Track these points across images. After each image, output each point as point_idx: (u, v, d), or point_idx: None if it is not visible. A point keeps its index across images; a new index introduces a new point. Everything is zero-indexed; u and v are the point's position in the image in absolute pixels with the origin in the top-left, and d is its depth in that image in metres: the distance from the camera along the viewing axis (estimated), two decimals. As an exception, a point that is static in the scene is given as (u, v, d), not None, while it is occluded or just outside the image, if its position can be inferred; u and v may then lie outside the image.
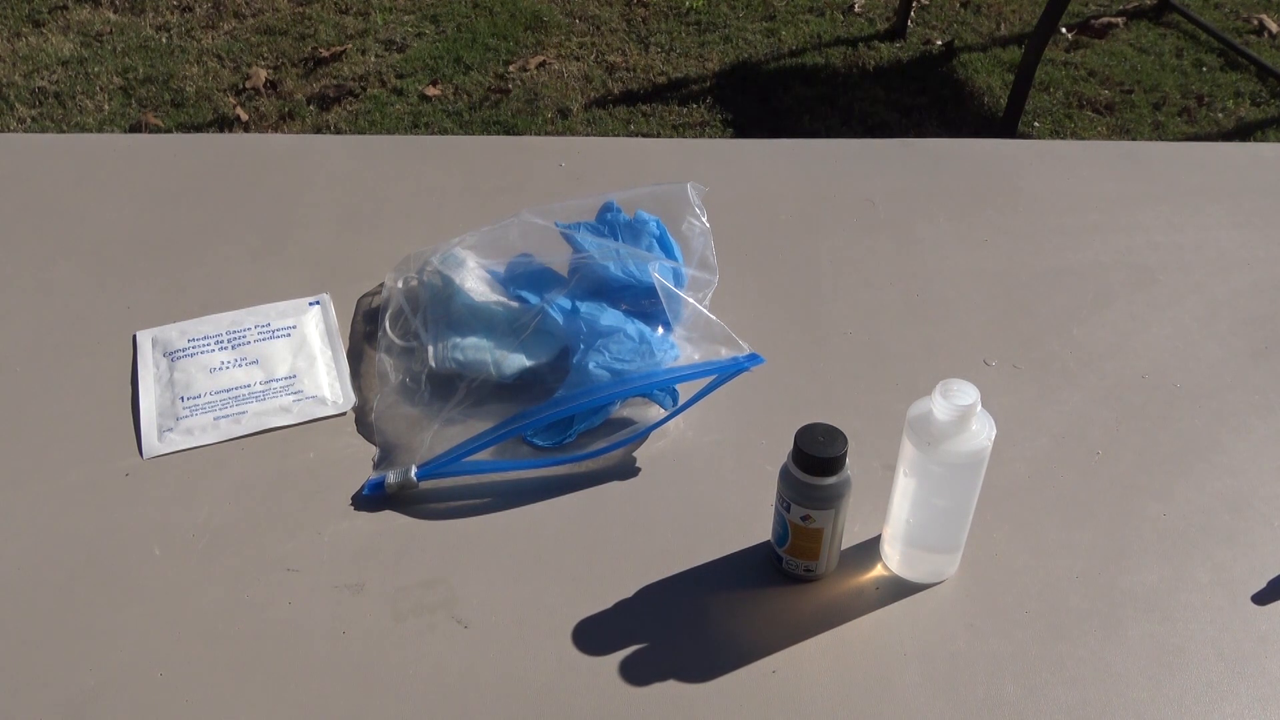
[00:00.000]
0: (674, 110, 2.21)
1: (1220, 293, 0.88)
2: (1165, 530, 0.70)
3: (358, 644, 0.63)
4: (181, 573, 0.67)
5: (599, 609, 0.66)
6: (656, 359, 0.75)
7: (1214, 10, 2.54)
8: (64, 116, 2.18)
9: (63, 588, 0.66)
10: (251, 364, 0.81)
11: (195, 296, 0.86)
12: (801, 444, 0.61)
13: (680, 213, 0.84)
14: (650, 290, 0.77)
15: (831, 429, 0.62)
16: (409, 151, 1.02)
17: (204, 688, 0.61)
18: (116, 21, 2.44)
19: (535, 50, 2.37)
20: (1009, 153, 1.04)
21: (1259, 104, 2.24)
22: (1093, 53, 2.38)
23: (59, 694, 0.61)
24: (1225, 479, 0.74)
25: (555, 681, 0.62)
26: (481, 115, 2.18)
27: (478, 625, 0.64)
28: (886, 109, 2.21)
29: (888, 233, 0.93)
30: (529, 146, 1.04)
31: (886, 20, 2.48)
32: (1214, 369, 0.82)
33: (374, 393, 0.79)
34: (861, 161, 1.01)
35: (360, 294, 0.87)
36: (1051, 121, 2.20)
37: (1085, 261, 0.91)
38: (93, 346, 0.82)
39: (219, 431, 0.76)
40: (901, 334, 0.84)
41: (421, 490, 0.72)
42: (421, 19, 2.46)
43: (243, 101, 2.22)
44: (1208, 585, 0.67)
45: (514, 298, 0.80)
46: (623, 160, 1.02)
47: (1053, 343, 0.83)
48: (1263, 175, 1.01)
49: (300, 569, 0.67)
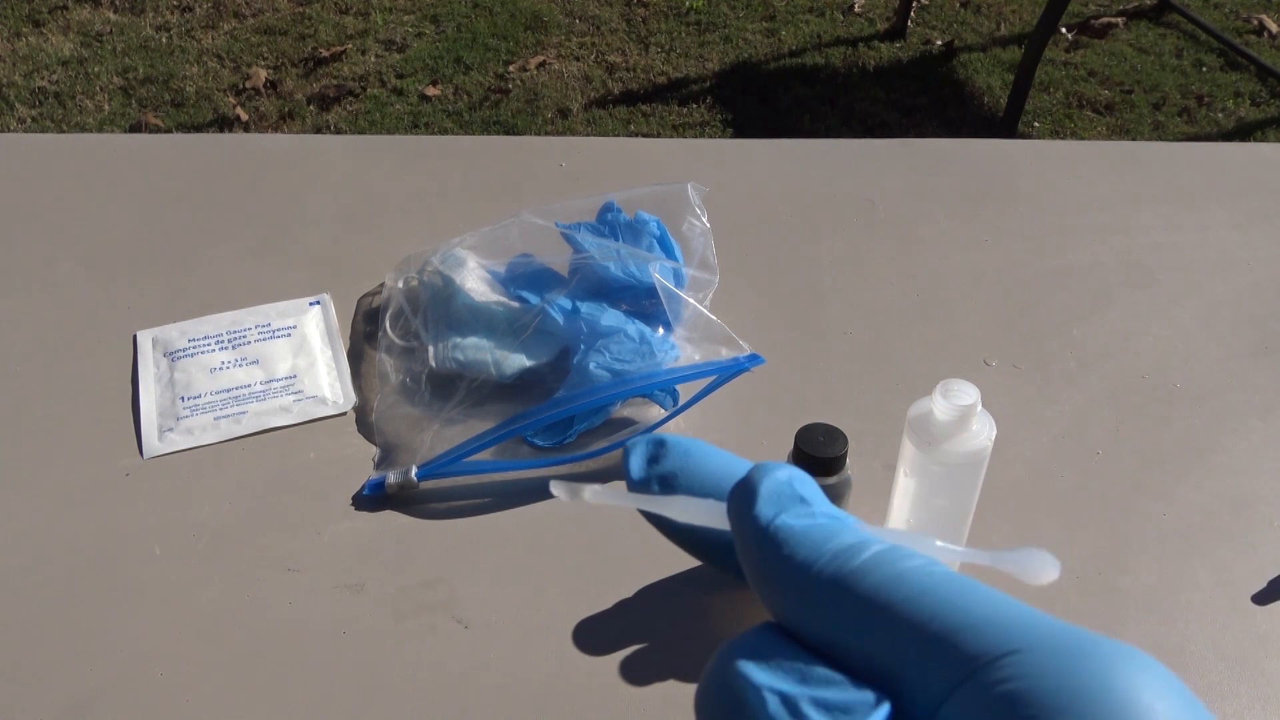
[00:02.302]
0: (674, 110, 2.21)
1: (1220, 293, 0.88)
2: (1165, 530, 0.70)
3: (358, 644, 0.63)
4: (181, 573, 0.67)
5: (599, 609, 0.65)
6: (657, 359, 0.75)
7: (1214, 10, 2.54)
8: (64, 116, 2.18)
9: (63, 588, 0.66)
10: (252, 364, 0.81)
11: (195, 296, 0.86)
12: (801, 444, 0.61)
13: (680, 213, 0.84)
14: (650, 290, 0.77)
15: (831, 429, 0.62)
16: (409, 151, 1.02)
17: (204, 688, 0.61)
18: (116, 21, 2.44)
19: (535, 50, 2.37)
20: (1009, 153, 1.03)
21: (1259, 104, 2.24)
22: (1093, 53, 2.38)
23: (59, 694, 0.61)
24: (1225, 479, 0.74)
25: (555, 681, 0.62)
26: (481, 115, 2.18)
27: (478, 625, 0.64)
28: (886, 109, 2.21)
29: (888, 233, 0.93)
30: (529, 146, 1.04)
31: (886, 20, 2.48)
32: (1214, 369, 0.82)
33: (374, 393, 0.79)
34: (861, 161, 1.01)
35: (360, 294, 0.87)
36: (1051, 121, 2.20)
37: (1085, 261, 0.91)
38: (93, 346, 0.82)
39: (219, 431, 0.76)
40: (901, 334, 0.84)
41: (421, 490, 0.72)
42: (421, 19, 2.46)
43: (243, 101, 2.22)
44: (1208, 585, 0.67)
45: (514, 298, 0.80)
46: (623, 160, 1.02)
47: (1053, 343, 0.83)
48: (1263, 175, 1.01)
49: (300, 569, 0.67)
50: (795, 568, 0.22)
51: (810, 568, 0.22)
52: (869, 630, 0.21)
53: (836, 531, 0.23)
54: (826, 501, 0.24)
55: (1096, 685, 0.18)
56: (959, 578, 0.21)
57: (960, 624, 0.20)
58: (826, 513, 0.24)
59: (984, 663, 0.19)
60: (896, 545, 0.22)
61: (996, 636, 0.19)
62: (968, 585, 0.21)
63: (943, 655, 0.20)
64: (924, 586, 0.21)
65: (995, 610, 0.20)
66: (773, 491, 0.24)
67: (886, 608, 0.21)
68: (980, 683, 0.19)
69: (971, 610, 0.20)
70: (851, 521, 0.24)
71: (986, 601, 0.20)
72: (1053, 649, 0.19)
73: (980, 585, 0.21)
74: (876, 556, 0.22)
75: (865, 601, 0.21)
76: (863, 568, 0.21)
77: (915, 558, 0.22)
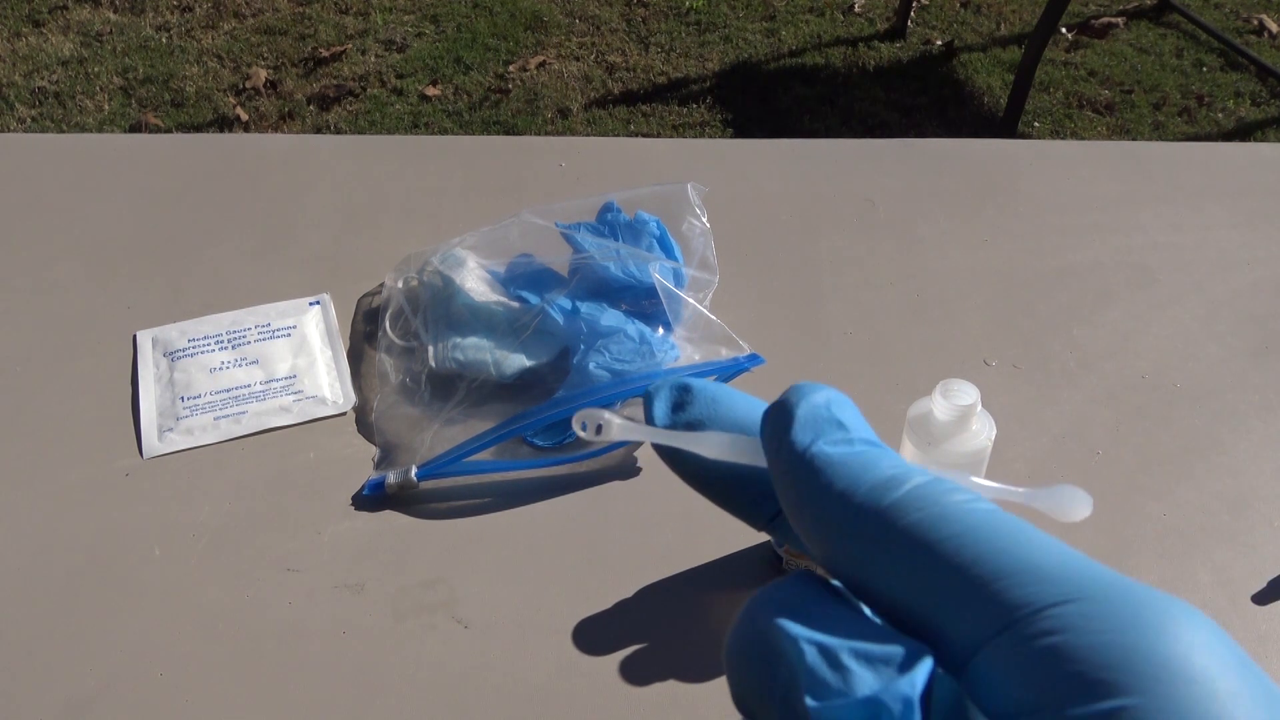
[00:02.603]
0: (674, 110, 2.21)
1: (1220, 293, 0.88)
2: (1165, 530, 0.70)
3: (358, 644, 0.63)
4: (181, 573, 0.67)
5: (599, 609, 0.66)
6: (657, 359, 0.75)
7: (1214, 10, 2.54)
8: (64, 116, 2.18)
9: (63, 588, 0.66)
10: (252, 364, 0.81)
11: (195, 296, 0.86)
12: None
13: (680, 213, 0.84)
14: (650, 290, 0.77)
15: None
16: (409, 151, 1.02)
17: (204, 688, 0.61)
18: (116, 21, 2.44)
19: (535, 50, 2.37)
20: (1009, 153, 1.03)
21: (1259, 104, 2.24)
22: (1093, 53, 2.38)
23: (59, 694, 0.61)
24: (1225, 479, 0.74)
25: (555, 681, 0.62)
26: (481, 115, 2.18)
27: (478, 625, 0.64)
28: (886, 109, 2.21)
29: (888, 233, 0.93)
30: (529, 146, 1.04)
31: (886, 20, 2.48)
32: (1214, 369, 0.82)
33: (374, 393, 0.79)
34: (861, 161, 1.01)
35: (360, 294, 0.87)
36: (1051, 121, 2.20)
37: (1085, 261, 0.91)
38: (93, 346, 0.82)
39: (219, 431, 0.76)
40: (901, 334, 0.84)
41: (421, 490, 0.72)
42: (421, 19, 2.46)
43: (243, 101, 2.22)
44: (1208, 585, 0.67)
45: (514, 298, 0.80)
46: (623, 160, 1.02)
47: (1053, 343, 0.83)
48: (1263, 175, 1.01)
49: (300, 569, 0.67)
50: (833, 500, 0.21)
51: (849, 500, 0.21)
52: (907, 570, 0.19)
53: (875, 461, 0.21)
54: (866, 426, 0.23)
55: (1148, 644, 0.17)
56: (1006, 518, 0.20)
57: (1003, 569, 0.18)
58: (865, 439, 0.22)
59: (1026, 614, 0.18)
60: (939, 478, 0.21)
61: (1041, 586, 0.18)
62: (1016, 527, 0.19)
63: (981, 602, 0.18)
64: (967, 525, 0.19)
65: (1044, 557, 0.19)
66: (809, 417, 0.22)
67: (926, 547, 0.19)
68: (1020, 634, 0.18)
69: (1017, 555, 0.19)
70: (890, 450, 0.23)
71: (1034, 546, 0.19)
72: (1102, 601, 0.18)
73: (1029, 528, 0.19)
74: (918, 490, 0.20)
75: (904, 538, 0.20)
76: (902, 502, 0.20)
77: (959, 492, 0.20)
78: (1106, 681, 0.17)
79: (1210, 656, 0.17)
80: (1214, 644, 0.17)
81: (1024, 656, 0.18)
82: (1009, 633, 0.18)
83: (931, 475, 0.21)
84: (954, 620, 0.19)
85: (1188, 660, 0.17)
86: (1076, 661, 0.17)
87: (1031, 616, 0.18)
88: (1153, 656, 0.17)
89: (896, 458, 0.22)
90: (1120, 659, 0.17)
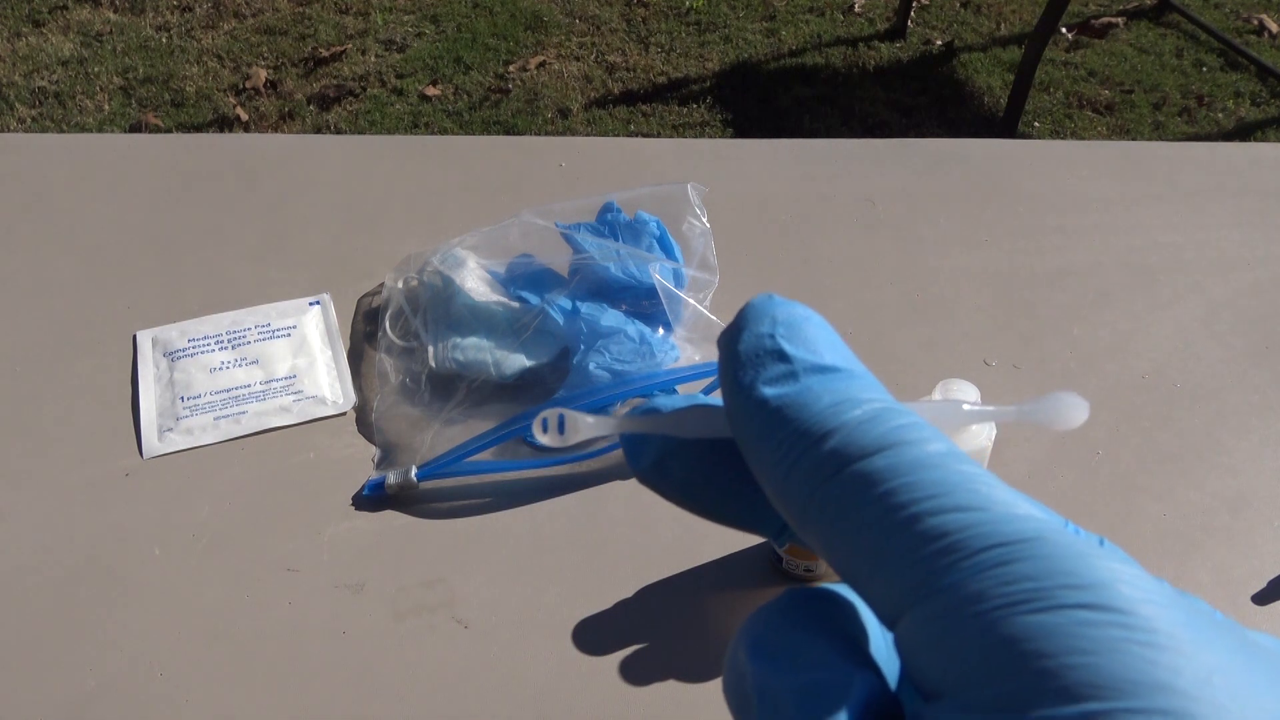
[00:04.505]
0: (674, 110, 2.21)
1: (1220, 293, 0.88)
2: (1165, 530, 0.70)
3: (358, 644, 0.63)
4: (181, 573, 0.67)
5: (599, 609, 0.66)
6: (657, 360, 0.75)
7: (1214, 10, 2.54)
8: (64, 116, 2.18)
9: (63, 588, 0.66)
10: (251, 364, 0.81)
11: (195, 296, 0.86)
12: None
13: (680, 213, 0.84)
14: (650, 291, 0.77)
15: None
16: (409, 151, 1.02)
17: (204, 688, 0.61)
18: (116, 21, 2.44)
19: (535, 50, 2.37)
20: (1009, 153, 1.03)
21: (1259, 104, 2.24)
22: (1093, 53, 2.38)
23: (59, 694, 0.61)
24: (1225, 479, 0.74)
25: (555, 681, 0.62)
26: (481, 115, 2.18)
27: (478, 625, 0.64)
28: (886, 109, 2.21)
29: (888, 233, 0.93)
30: (529, 146, 1.04)
31: (886, 20, 2.48)
32: (1214, 369, 0.82)
33: (374, 393, 0.79)
34: (861, 161, 1.01)
35: (360, 294, 0.87)
36: (1051, 121, 2.20)
37: (1085, 261, 0.91)
38: (93, 346, 0.82)
39: (219, 431, 0.76)
40: (901, 334, 0.84)
41: (421, 490, 0.72)
42: (421, 19, 2.46)
43: (243, 101, 2.22)
44: (1208, 585, 0.67)
45: (514, 298, 0.81)
46: (623, 160, 1.02)
47: (1053, 343, 0.83)
48: (1263, 175, 1.01)
49: (300, 569, 0.67)
50: (764, 454, 0.20)
51: (780, 457, 0.19)
52: (838, 540, 0.19)
53: (812, 401, 0.19)
54: (819, 343, 0.21)
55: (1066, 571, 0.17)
56: (950, 472, 0.18)
57: (925, 533, 0.18)
58: (814, 364, 0.20)
59: (941, 585, 0.17)
60: (880, 413, 0.19)
61: (954, 554, 0.17)
62: (957, 484, 0.18)
63: (897, 571, 0.18)
64: (899, 484, 0.18)
65: (976, 516, 0.18)
66: (751, 350, 0.20)
67: (850, 513, 0.18)
68: (934, 604, 0.17)
69: (949, 520, 0.18)
70: (842, 373, 0.20)
71: (981, 500, 0.18)
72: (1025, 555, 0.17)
73: (977, 479, 0.18)
74: (852, 437, 0.19)
75: (830, 508, 0.19)
76: (835, 456, 0.19)
77: (897, 435, 0.19)
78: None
79: (1133, 585, 0.17)
80: (1140, 579, 0.17)
81: (945, 606, 0.17)
82: (924, 603, 0.17)
83: (872, 410, 0.19)
84: (873, 592, 0.19)
85: (1110, 580, 0.17)
86: (993, 599, 0.17)
87: (947, 587, 0.17)
88: (1074, 581, 0.17)
89: (841, 385, 0.20)
90: (1043, 589, 0.17)
